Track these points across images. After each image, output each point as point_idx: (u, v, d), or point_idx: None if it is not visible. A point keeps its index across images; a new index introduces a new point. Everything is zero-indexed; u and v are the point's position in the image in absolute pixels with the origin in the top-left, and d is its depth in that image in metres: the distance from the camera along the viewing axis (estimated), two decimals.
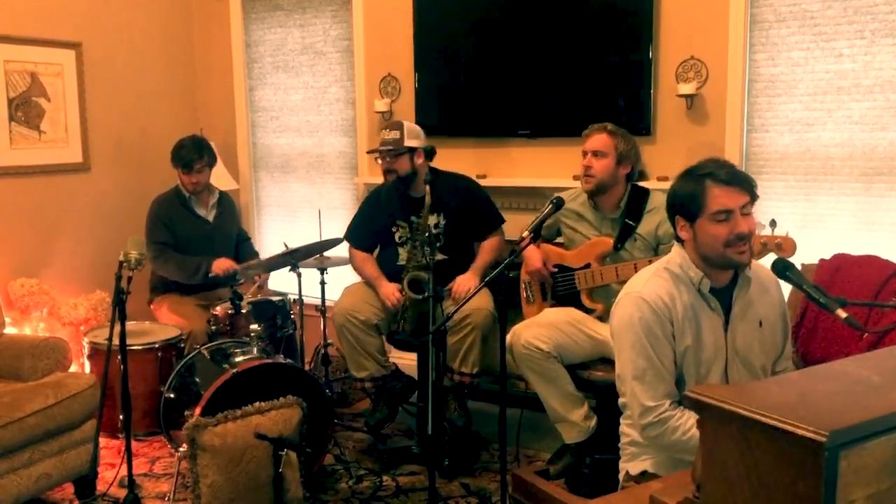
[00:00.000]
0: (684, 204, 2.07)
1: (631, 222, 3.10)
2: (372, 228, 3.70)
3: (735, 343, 2.16)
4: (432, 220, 3.50)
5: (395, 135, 3.46)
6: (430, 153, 3.48)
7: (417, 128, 3.56)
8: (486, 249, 3.58)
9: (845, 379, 1.24)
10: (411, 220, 3.51)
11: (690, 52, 3.65)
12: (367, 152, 3.79)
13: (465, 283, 3.44)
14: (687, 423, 2.05)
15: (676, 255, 2.16)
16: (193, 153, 3.96)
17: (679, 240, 2.15)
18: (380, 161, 3.54)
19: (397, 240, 3.60)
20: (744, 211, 2.03)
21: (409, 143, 3.46)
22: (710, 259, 2.08)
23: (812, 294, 1.92)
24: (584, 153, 3.12)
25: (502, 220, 3.67)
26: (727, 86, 3.58)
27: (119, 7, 4.75)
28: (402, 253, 3.57)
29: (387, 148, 3.46)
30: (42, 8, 4.38)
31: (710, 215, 2.02)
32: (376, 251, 3.74)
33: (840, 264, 3.06)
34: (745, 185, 2.03)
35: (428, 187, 3.34)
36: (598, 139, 3.10)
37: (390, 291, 3.47)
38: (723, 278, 2.14)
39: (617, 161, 3.08)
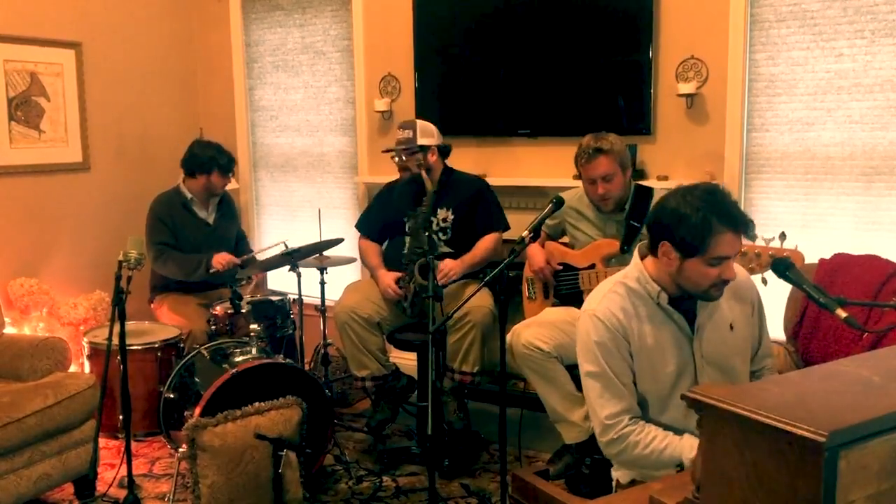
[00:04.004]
0: (683, 238, 1.93)
1: (636, 223, 3.09)
2: (383, 220, 3.73)
3: (703, 351, 2.11)
4: (441, 214, 3.56)
5: (407, 134, 3.53)
6: (444, 151, 3.63)
7: (432, 126, 3.61)
8: (481, 246, 3.56)
9: (845, 379, 1.24)
10: (417, 210, 3.53)
11: (690, 51, 3.65)
12: (383, 151, 3.82)
13: (448, 264, 3.45)
14: (647, 437, 2.02)
15: (634, 269, 2.11)
16: (231, 155, 4.07)
17: (651, 252, 2.06)
18: (395, 159, 3.60)
19: (407, 230, 3.62)
20: (735, 257, 1.99)
21: (421, 141, 3.52)
22: (685, 289, 2.02)
23: (812, 294, 1.92)
24: (592, 181, 3.06)
25: (506, 226, 3.65)
26: (727, 85, 3.58)
27: (119, 7, 4.75)
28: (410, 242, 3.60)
29: (401, 147, 3.54)
30: (42, 8, 4.38)
31: (707, 259, 1.93)
32: (384, 245, 3.76)
33: (840, 264, 3.06)
34: (748, 232, 1.97)
35: (425, 174, 3.46)
36: (601, 164, 3.03)
37: (388, 283, 3.49)
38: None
39: (623, 172, 3.09)
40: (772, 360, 2.30)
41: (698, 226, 1.91)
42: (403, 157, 3.53)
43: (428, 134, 3.55)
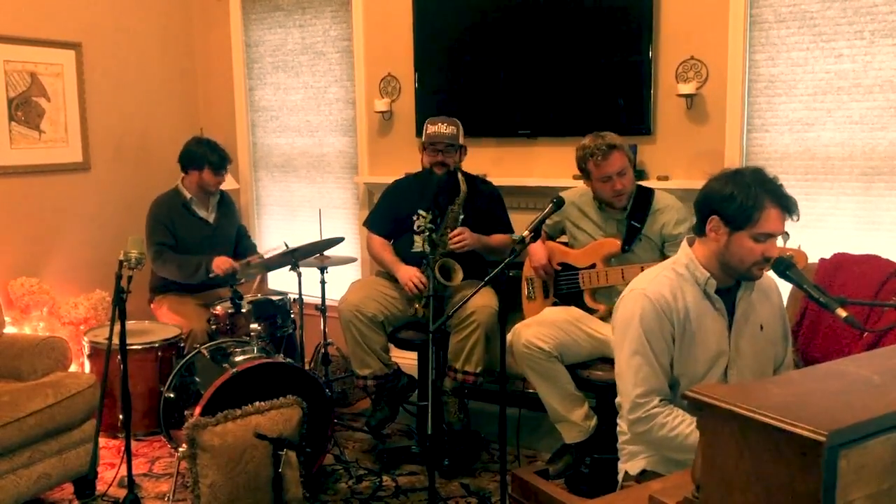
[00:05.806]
0: (733, 211, 2.01)
1: (636, 224, 3.10)
2: (394, 216, 3.72)
3: (738, 345, 2.17)
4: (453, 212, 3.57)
5: (452, 130, 3.56)
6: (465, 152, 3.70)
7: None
8: (496, 237, 3.63)
9: (845, 379, 1.24)
10: (448, 208, 3.52)
11: (690, 52, 3.65)
12: (425, 141, 3.64)
13: (464, 231, 3.47)
14: (674, 420, 2.06)
15: (683, 256, 2.16)
16: (224, 153, 4.05)
17: (699, 233, 2.12)
18: (427, 150, 3.58)
19: (415, 228, 3.62)
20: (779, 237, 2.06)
21: (461, 140, 3.60)
22: (729, 267, 2.08)
23: (812, 293, 1.92)
24: (607, 178, 3.04)
25: (511, 232, 3.68)
26: (727, 86, 3.58)
27: (119, 7, 4.75)
28: (418, 241, 3.59)
29: (447, 142, 3.55)
30: (42, 8, 4.38)
31: (755, 233, 2.00)
32: (391, 243, 3.75)
33: (840, 264, 3.06)
34: (794, 212, 2.03)
35: (462, 177, 3.51)
36: (617, 159, 3.03)
37: (410, 274, 3.48)
38: (727, 280, 2.14)
39: (633, 169, 3.13)
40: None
41: (749, 199, 1.99)
42: (446, 152, 3.54)
43: (462, 134, 3.62)
